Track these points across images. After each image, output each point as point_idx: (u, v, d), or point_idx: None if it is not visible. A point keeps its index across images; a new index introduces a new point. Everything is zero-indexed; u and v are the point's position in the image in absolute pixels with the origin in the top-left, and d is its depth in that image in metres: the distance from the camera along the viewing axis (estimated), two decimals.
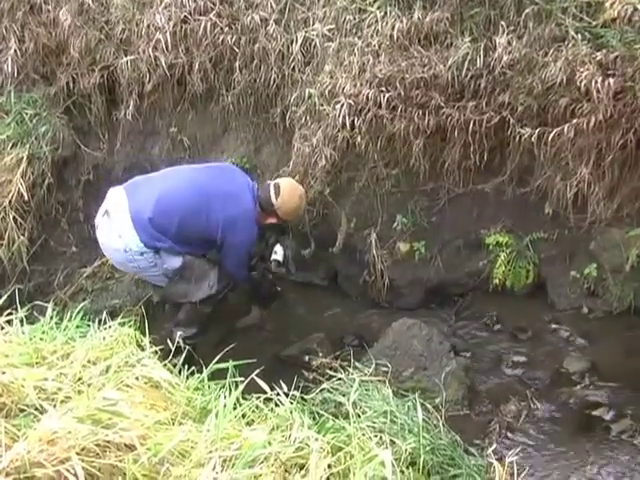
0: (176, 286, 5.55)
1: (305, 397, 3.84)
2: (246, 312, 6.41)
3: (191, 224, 5.42)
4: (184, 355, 3.81)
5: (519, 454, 4.46)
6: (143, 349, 3.56)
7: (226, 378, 3.40)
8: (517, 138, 5.57)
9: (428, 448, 3.51)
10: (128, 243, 5.32)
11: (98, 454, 2.57)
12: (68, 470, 2.44)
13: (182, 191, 5.50)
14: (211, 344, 5.36)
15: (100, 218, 5.52)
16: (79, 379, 3.12)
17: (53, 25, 7.28)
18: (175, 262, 5.48)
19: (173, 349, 3.79)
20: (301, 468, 2.75)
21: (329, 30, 6.14)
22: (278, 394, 3.35)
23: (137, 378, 3.17)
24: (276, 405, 3.29)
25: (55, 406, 2.81)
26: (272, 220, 5.69)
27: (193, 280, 5.51)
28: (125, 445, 2.64)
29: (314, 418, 3.44)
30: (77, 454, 2.50)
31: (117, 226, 5.36)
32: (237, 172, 5.87)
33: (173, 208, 5.37)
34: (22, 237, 7.00)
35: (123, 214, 5.33)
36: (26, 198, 6.96)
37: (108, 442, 2.62)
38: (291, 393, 3.48)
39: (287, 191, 5.64)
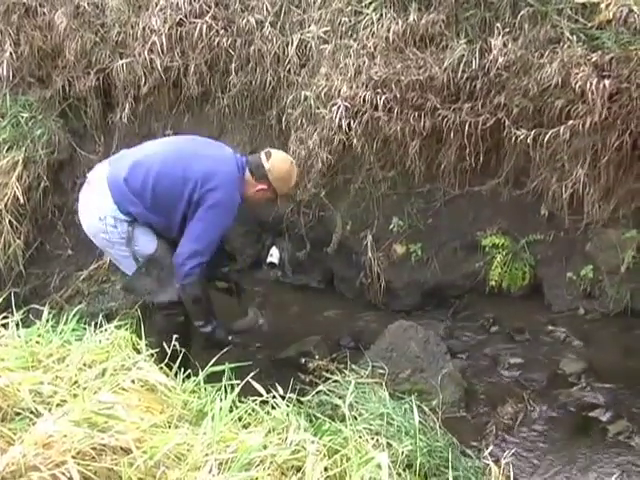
0: (140, 280, 5.31)
1: (301, 399, 3.83)
2: (242, 314, 6.40)
3: (166, 185, 5.14)
4: (180, 358, 3.76)
5: (516, 456, 4.46)
6: (139, 352, 3.55)
7: (222, 381, 3.40)
8: (513, 140, 5.57)
9: (425, 450, 3.51)
10: (103, 209, 5.14)
11: (94, 457, 2.56)
12: (64, 474, 2.44)
13: (159, 152, 5.33)
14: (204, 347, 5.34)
15: (83, 188, 5.42)
16: (75, 382, 3.11)
17: (48, 28, 7.31)
18: (147, 247, 5.25)
19: (169, 352, 3.78)
20: (298, 471, 2.74)
21: (325, 32, 6.16)
22: (274, 397, 3.34)
23: (133, 381, 3.16)
24: (272, 408, 3.29)
25: (51, 410, 2.81)
26: (263, 186, 5.34)
27: (159, 279, 5.26)
28: (121, 448, 2.64)
29: (310, 421, 3.44)
30: (73, 458, 2.49)
31: (96, 195, 5.22)
32: (225, 146, 5.59)
33: (149, 168, 5.14)
34: (18, 240, 7.03)
35: (102, 181, 5.19)
36: (22, 201, 6.99)
37: (104, 445, 2.61)
38: (287, 396, 3.48)
39: (278, 155, 5.42)
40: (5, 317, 3.67)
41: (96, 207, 5.19)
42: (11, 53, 7.33)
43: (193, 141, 5.59)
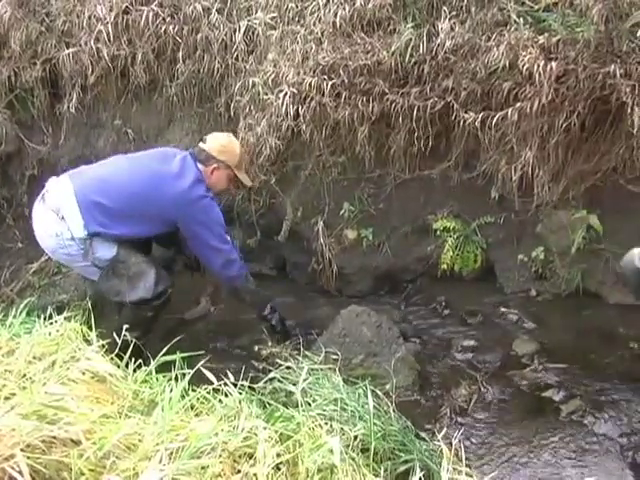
0: (109, 282, 5.30)
1: (254, 387, 3.82)
2: (195, 303, 6.39)
3: (142, 203, 5.23)
4: (131, 348, 3.73)
5: (470, 437, 4.51)
6: (90, 343, 3.52)
7: (174, 370, 3.38)
8: (461, 123, 5.59)
9: (379, 434, 3.50)
10: (63, 226, 5.12)
11: (43, 450, 2.53)
12: (13, 467, 2.41)
13: (128, 174, 5.34)
14: (159, 336, 5.31)
15: (36, 205, 5.35)
16: (24, 375, 3.08)
17: None
18: (107, 252, 5.23)
19: (120, 342, 3.76)
20: (250, 457, 2.73)
21: (272, 18, 6.13)
22: (226, 384, 3.33)
23: (83, 372, 3.13)
24: (225, 395, 3.28)
25: None
26: (214, 166, 5.53)
27: (127, 278, 5.26)
28: (71, 440, 2.61)
29: (264, 408, 3.43)
30: (22, 451, 2.46)
31: (56, 213, 5.14)
32: (175, 151, 5.67)
33: (122, 190, 5.20)
34: None
35: (64, 199, 5.14)
36: None
37: (53, 438, 2.59)
38: (240, 383, 3.47)
39: (212, 135, 5.72)
40: None
41: (52, 225, 5.18)
42: None
43: (151, 157, 5.62)
